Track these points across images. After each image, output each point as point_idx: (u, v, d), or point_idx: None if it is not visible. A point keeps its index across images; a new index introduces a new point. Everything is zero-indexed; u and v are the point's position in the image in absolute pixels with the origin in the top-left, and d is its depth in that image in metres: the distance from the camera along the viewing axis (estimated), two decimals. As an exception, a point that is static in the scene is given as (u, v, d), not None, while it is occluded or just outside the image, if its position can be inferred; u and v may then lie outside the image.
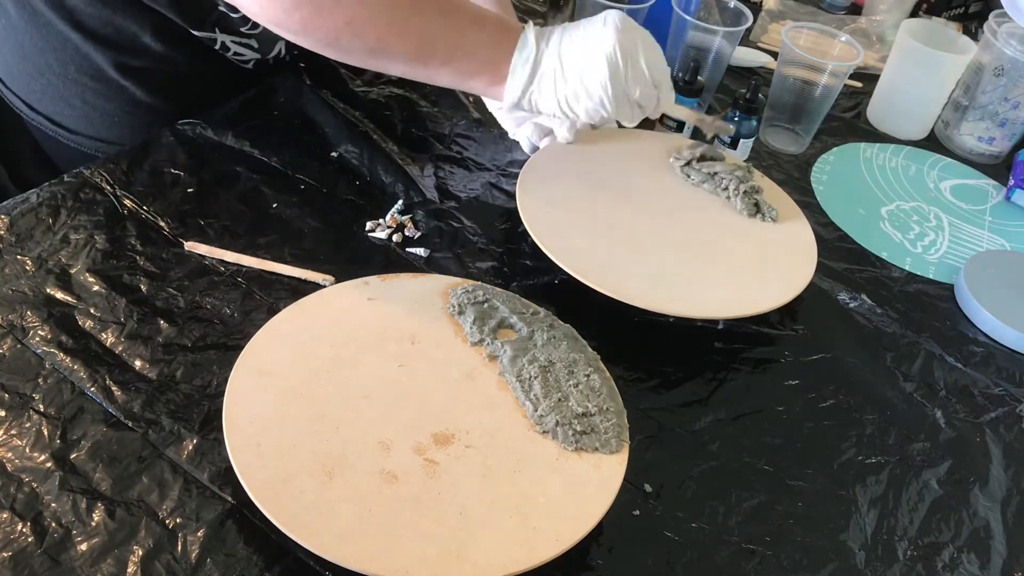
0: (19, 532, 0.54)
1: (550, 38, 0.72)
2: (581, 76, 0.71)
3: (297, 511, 0.54)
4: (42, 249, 0.71)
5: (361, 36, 0.66)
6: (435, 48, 0.69)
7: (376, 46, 0.67)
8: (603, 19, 0.72)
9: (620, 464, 0.61)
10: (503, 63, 0.71)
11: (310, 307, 0.68)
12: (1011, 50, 0.98)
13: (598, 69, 0.71)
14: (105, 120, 0.88)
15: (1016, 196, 0.99)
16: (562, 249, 0.74)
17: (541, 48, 0.72)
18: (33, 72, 0.86)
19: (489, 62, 0.71)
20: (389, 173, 0.85)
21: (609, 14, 0.72)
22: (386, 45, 0.67)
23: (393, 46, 0.68)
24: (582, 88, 0.72)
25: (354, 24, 0.65)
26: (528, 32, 0.72)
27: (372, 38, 0.67)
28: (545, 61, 0.72)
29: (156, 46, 0.85)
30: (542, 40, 0.72)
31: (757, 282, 0.76)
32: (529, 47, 0.71)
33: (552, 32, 0.73)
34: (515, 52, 0.71)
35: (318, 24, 0.65)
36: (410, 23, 0.67)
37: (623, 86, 0.72)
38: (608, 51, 0.70)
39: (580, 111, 0.73)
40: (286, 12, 0.64)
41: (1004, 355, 0.80)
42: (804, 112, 0.98)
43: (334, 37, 0.66)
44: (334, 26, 0.65)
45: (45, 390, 0.62)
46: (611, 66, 0.71)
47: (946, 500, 0.67)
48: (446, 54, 0.69)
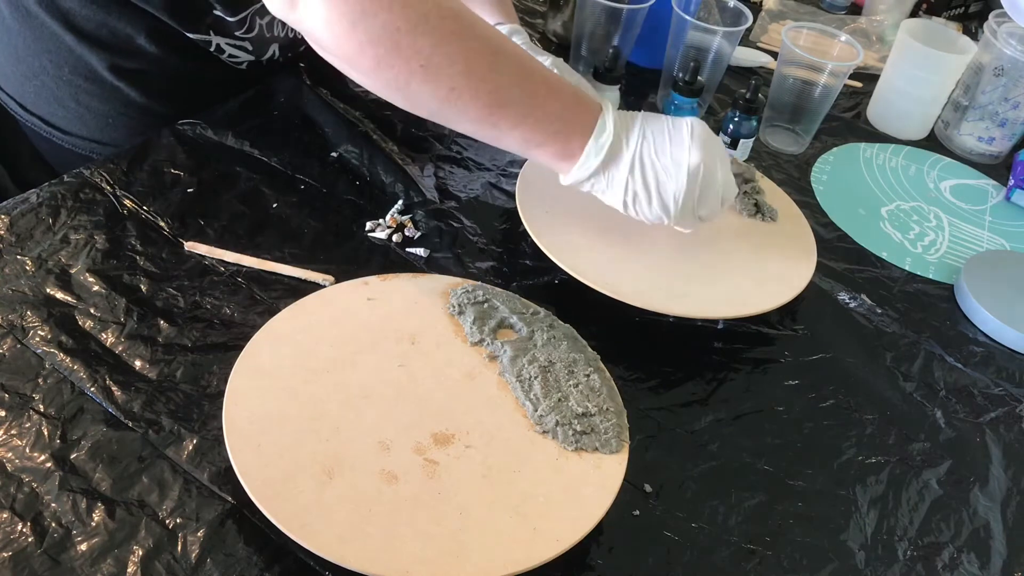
0: (19, 532, 0.54)
1: (631, 129, 0.69)
2: (658, 184, 0.69)
3: (297, 511, 0.54)
4: (42, 249, 0.71)
5: (434, 82, 0.63)
6: (507, 109, 0.66)
7: (447, 96, 0.64)
8: (690, 131, 0.69)
9: (620, 464, 0.61)
10: (574, 140, 0.68)
11: (310, 307, 0.68)
12: (1011, 50, 0.98)
13: (677, 183, 0.69)
14: (99, 121, 0.88)
15: (1016, 196, 0.99)
16: (562, 249, 0.74)
17: (620, 138, 0.69)
18: (27, 73, 0.86)
19: (560, 135, 0.68)
20: (389, 173, 0.85)
21: (695, 126, 0.70)
22: (458, 96, 0.64)
23: (465, 98, 0.64)
24: (656, 195, 0.69)
25: (429, 68, 0.62)
26: (607, 116, 0.69)
27: (445, 87, 0.63)
28: (624, 155, 0.69)
29: (150, 48, 0.85)
30: (622, 130, 0.69)
31: (757, 282, 0.76)
32: (608, 133, 0.68)
33: (634, 123, 0.70)
34: (592, 135, 0.68)
35: (392, 63, 0.62)
36: (486, 78, 0.64)
37: (694, 203, 0.70)
38: (692, 168, 0.68)
39: (642, 213, 0.71)
40: (360, 48, 0.61)
41: (1004, 355, 0.80)
42: (804, 112, 0.98)
43: (406, 80, 0.63)
44: (408, 68, 0.62)
45: (45, 390, 0.62)
46: (691, 183, 0.69)
47: (946, 500, 0.67)
48: (517, 118, 0.66)
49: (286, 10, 0.63)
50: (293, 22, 0.64)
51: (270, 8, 0.64)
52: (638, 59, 1.10)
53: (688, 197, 0.69)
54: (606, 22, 0.99)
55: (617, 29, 0.99)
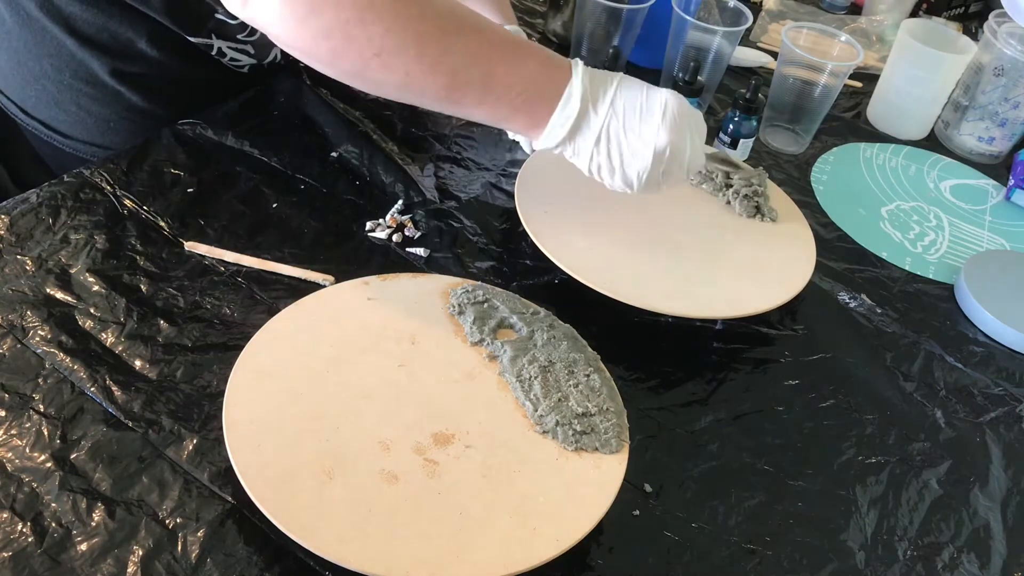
0: (19, 532, 0.54)
1: (600, 101, 0.68)
2: (622, 158, 0.69)
3: (297, 511, 0.54)
4: (42, 249, 0.71)
5: (389, 69, 0.63)
6: (466, 88, 0.66)
7: (404, 81, 0.64)
8: (663, 109, 0.68)
9: (620, 464, 0.61)
10: (540, 110, 0.68)
11: (310, 307, 0.68)
12: (1011, 50, 0.98)
13: (640, 160, 0.69)
14: (100, 125, 0.88)
15: (1016, 196, 0.99)
16: (561, 249, 0.74)
17: (587, 109, 0.68)
18: (28, 77, 0.86)
19: (525, 107, 0.68)
20: (389, 173, 0.85)
21: (669, 102, 0.69)
22: (414, 80, 0.64)
23: (422, 82, 0.64)
24: (619, 168, 0.70)
25: (383, 57, 0.63)
26: (575, 83, 0.67)
27: (401, 72, 0.64)
28: (592, 125, 0.68)
29: (152, 52, 0.85)
30: (590, 99, 0.68)
31: (756, 282, 0.76)
32: (572, 105, 0.67)
33: (605, 92, 0.68)
34: (558, 106, 0.68)
35: (346, 54, 0.63)
36: (441, 60, 0.64)
37: (657, 176, 0.70)
38: (659, 149, 0.68)
39: (607, 182, 0.71)
40: (315, 41, 0.62)
41: (1004, 355, 0.80)
42: (804, 112, 0.98)
43: (361, 68, 0.64)
44: (362, 58, 0.63)
45: (45, 390, 0.62)
46: (655, 162, 0.69)
47: (946, 500, 0.67)
48: (478, 96, 0.66)
49: (238, 6, 0.63)
50: (247, 19, 0.64)
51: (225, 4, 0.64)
52: (638, 59, 1.10)
53: (653, 174, 0.70)
54: (606, 22, 0.99)
55: (617, 29, 0.99)
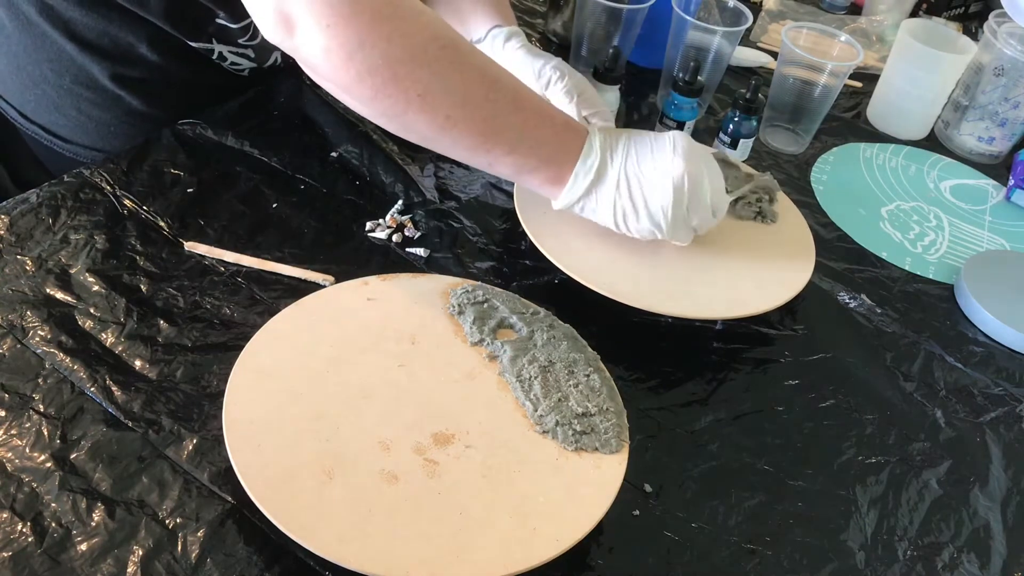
0: (19, 532, 0.54)
1: (615, 149, 0.70)
2: (644, 198, 0.70)
3: (297, 511, 0.54)
4: (42, 249, 0.71)
5: (431, 112, 0.63)
6: (501, 136, 0.67)
7: (443, 124, 0.64)
8: (672, 143, 0.70)
9: (620, 464, 0.61)
10: (565, 164, 0.70)
11: (310, 307, 0.68)
12: (1011, 50, 0.98)
13: (663, 195, 0.70)
14: (100, 130, 0.88)
15: (1016, 196, 0.99)
16: (561, 250, 0.74)
17: (606, 158, 0.70)
18: (28, 82, 0.86)
19: (551, 160, 0.69)
20: (389, 173, 0.85)
21: (677, 138, 0.71)
22: (453, 125, 0.64)
23: (460, 127, 0.65)
24: (644, 209, 0.70)
25: (426, 98, 0.62)
26: (594, 138, 0.70)
27: (441, 116, 0.64)
28: (610, 174, 0.70)
29: (152, 56, 0.85)
30: (607, 150, 0.70)
31: (756, 282, 0.76)
32: (594, 155, 0.69)
33: (618, 142, 0.71)
34: (580, 158, 0.69)
35: (389, 93, 0.62)
36: (481, 106, 0.65)
37: (684, 213, 0.71)
38: (676, 178, 0.69)
39: (633, 228, 0.72)
40: (359, 77, 0.61)
41: (1004, 355, 0.80)
42: (804, 112, 0.98)
43: (403, 109, 0.63)
44: (405, 98, 0.62)
45: (45, 390, 0.62)
46: (676, 193, 0.70)
47: (946, 500, 0.67)
48: (510, 144, 0.67)
49: (282, 36, 0.61)
50: (289, 49, 0.62)
51: (265, 34, 0.62)
52: (638, 59, 1.10)
53: (676, 208, 0.70)
54: (606, 22, 0.99)
55: (617, 29, 0.99)
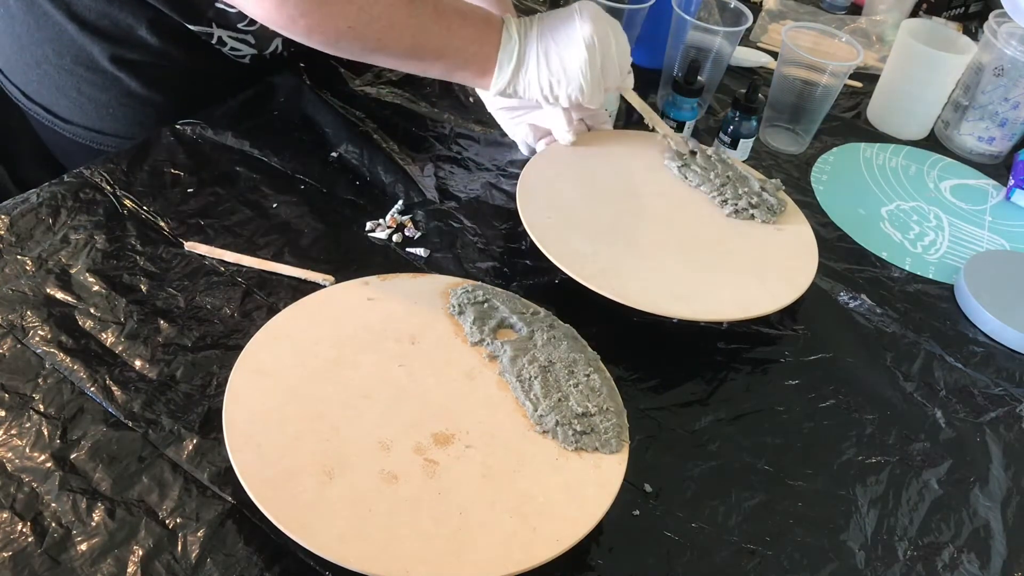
0: (19, 532, 0.54)
1: (529, 30, 0.77)
2: (562, 63, 0.77)
3: (297, 511, 0.54)
4: (42, 249, 0.71)
5: (361, 39, 0.71)
6: (428, 46, 0.74)
7: (375, 47, 0.72)
8: (578, 11, 0.77)
9: (620, 464, 0.61)
10: (490, 56, 0.77)
11: (310, 307, 0.68)
12: (1011, 50, 0.98)
13: (578, 55, 0.76)
14: (99, 111, 0.88)
15: (1016, 196, 0.99)
16: (563, 251, 0.74)
17: (524, 41, 0.77)
18: (30, 62, 0.87)
19: (477, 56, 0.76)
20: (389, 173, 0.85)
21: (583, 6, 0.78)
22: (384, 45, 0.72)
23: (390, 46, 0.73)
24: (563, 74, 0.77)
25: (355, 29, 0.70)
26: (510, 26, 0.77)
27: (372, 40, 0.71)
28: (529, 52, 0.77)
29: (152, 40, 0.85)
30: (523, 33, 0.77)
31: (758, 283, 0.76)
32: (513, 41, 0.77)
33: (531, 24, 0.78)
34: (500, 46, 0.76)
35: (322, 29, 0.70)
36: (407, 24, 0.72)
37: (598, 71, 0.78)
38: (587, 38, 0.76)
39: (561, 94, 0.78)
40: (291, 19, 0.69)
41: (1004, 355, 0.80)
42: (804, 112, 0.98)
43: (334, 39, 0.71)
44: (336, 31, 0.70)
45: (45, 390, 0.62)
46: (589, 52, 0.76)
47: (946, 500, 0.67)
48: (438, 51, 0.75)
49: None
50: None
51: None
52: (638, 59, 1.09)
53: (592, 67, 0.77)
54: (606, 22, 0.99)
55: (617, 29, 0.99)
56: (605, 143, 0.88)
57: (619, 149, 0.88)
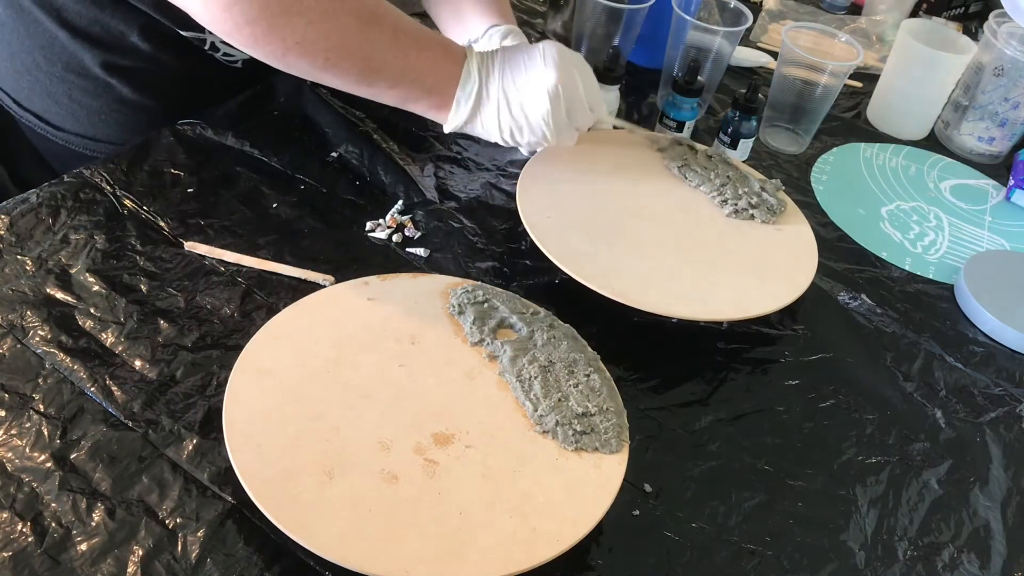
0: (19, 532, 0.54)
1: (491, 70, 0.75)
2: (524, 111, 0.75)
3: (297, 511, 0.54)
4: (42, 249, 0.71)
5: (309, 56, 0.68)
6: (381, 72, 0.71)
7: (323, 66, 0.69)
8: (542, 55, 0.74)
9: (620, 464, 0.61)
10: (447, 91, 0.74)
11: (310, 307, 0.68)
12: (1011, 50, 0.98)
13: (540, 105, 0.74)
14: (91, 117, 0.88)
15: (1016, 196, 0.99)
16: (563, 251, 0.74)
17: (483, 81, 0.74)
18: (21, 69, 0.86)
19: (433, 89, 0.74)
20: (389, 173, 0.85)
21: (547, 49, 0.74)
22: (333, 66, 0.69)
23: (340, 67, 0.69)
24: (524, 122, 0.75)
25: (303, 45, 0.67)
26: (471, 62, 0.74)
27: (320, 59, 0.68)
28: (488, 94, 0.75)
29: (144, 46, 0.85)
30: (483, 72, 0.74)
31: (758, 283, 0.76)
32: (472, 80, 0.74)
33: (494, 63, 0.75)
34: (459, 84, 0.74)
35: (268, 40, 0.66)
36: (360, 47, 0.69)
37: (563, 118, 0.75)
38: (551, 88, 0.73)
39: (522, 141, 0.77)
40: (237, 26, 0.65)
41: (1004, 355, 0.80)
42: (804, 112, 0.98)
43: (281, 54, 0.67)
44: (283, 45, 0.66)
45: (45, 390, 0.62)
46: (553, 102, 0.74)
47: (946, 500, 0.67)
48: (392, 79, 0.72)
49: None
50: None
51: None
52: (638, 59, 1.10)
53: (556, 116, 0.75)
54: (606, 22, 0.99)
55: (617, 29, 0.99)
56: (605, 143, 0.88)
57: (619, 149, 0.88)
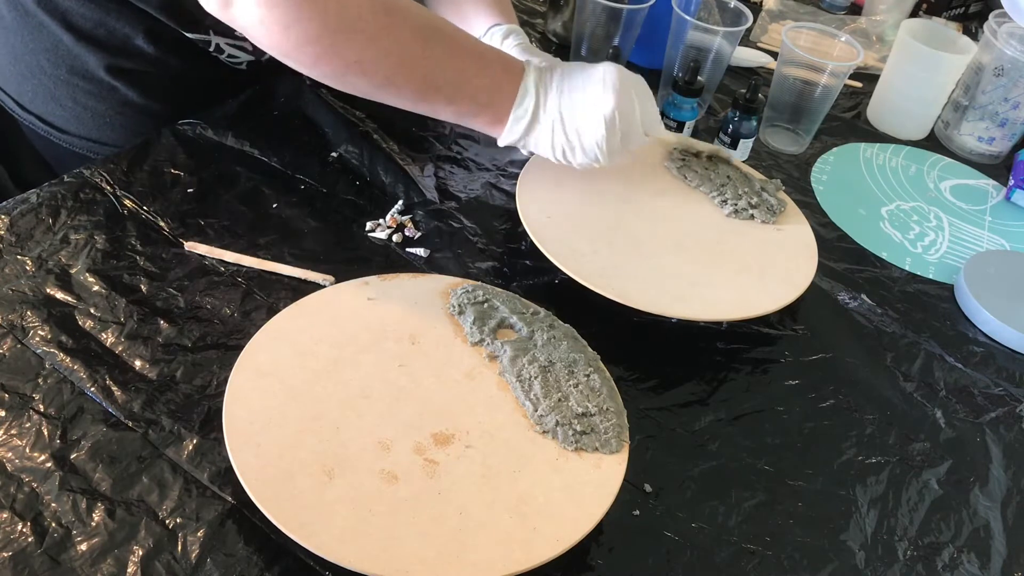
0: (19, 532, 0.54)
1: (549, 88, 0.73)
2: (579, 133, 0.73)
3: (297, 511, 0.54)
4: (42, 249, 0.71)
5: (369, 75, 0.67)
6: (440, 89, 0.70)
7: (383, 84, 0.69)
8: (602, 79, 0.73)
9: (620, 464, 0.61)
10: (502, 107, 0.73)
11: (310, 307, 0.68)
12: (1011, 50, 0.98)
13: (595, 129, 0.73)
14: (96, 121, 0.88)
15: (1016, 196, 0.99)
16: (563, 251, 0.74)
17: (540, 99, 0.73)
18: (25, 72, 0.86)
19: (490, 105, 0.73)
20: (389, 173, 0.85)
21: (607, 72, 0.73)
22: (392, 83, 0.69)
23: (399, 85, 0.69)
24: (579, 144, 0.74)
25: (363, 63, 0.66)
26: (528, 79, 0.73)
27: (380, 77, 0.68)
28: (544, 114, 0.74)
29: (149, 48, 0.85)
30: (541, 89, 0.73)
31: (758, 283, 0.76)
32: (529, 97, 0.73)
33: (551, 80, 0.74)
34: (515, 101, 0.73)
35: (328, 61, 0.66)
36: (418, 65, 0.68)
37: (617, 143, 0.74)
38: (607, 114, 0.72)
39: (575, 162, 0.76)
40: (298, 47, 0.65)
41: (1004, 355, 0.80)
42: (804, 112, 0.98)
43: (342, 73, 0.67)
44: (343, 63, 0.66)
45: (45, 390, 0.62)
46: (608, 128, 0.73)
47: (946, 500, 0.67)
48: (449, 96, 0.71)
49: (219, 8, 0.65)
50: (227, 20, 0.66)
51: (204, 5, 0.66)
52: (638, 59, 1.10)
53: (610, 141, 0.73)
54: (606, 22, 0.99)
55: (617, 29, 0.99)
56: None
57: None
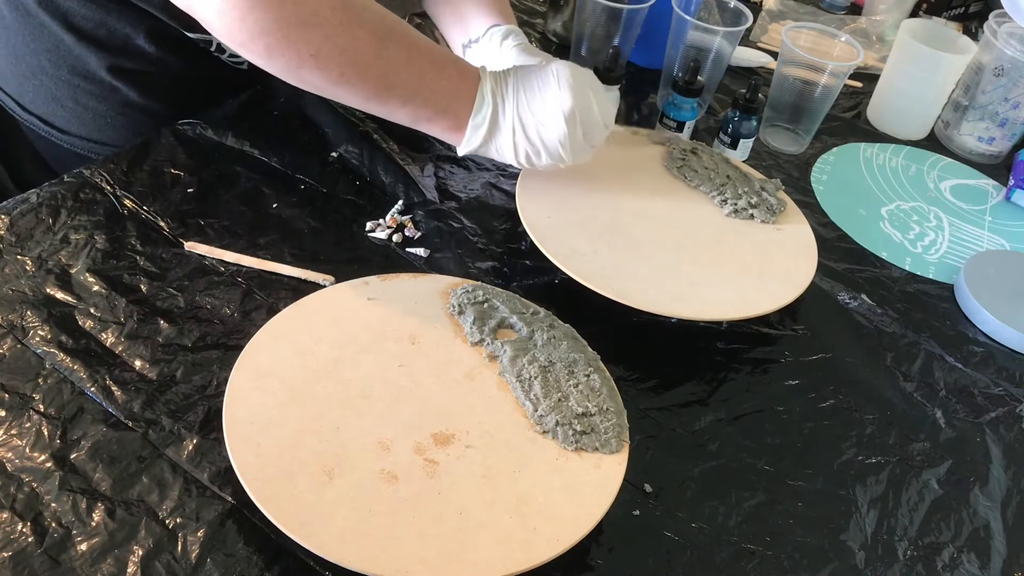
0: (19, 532, 0.54)
1: (506, 94, 0.73)
2: (540, 135, 0.74)
3: (297, 511, 0.54)
4: (42, 249, 0.71)
5: (324, 70, 0.66)
6: (395, 90, 0.70)
7: (338, 81, 0.68)
8: (555, 77, 0.73)
9: (620, 464, 0.61)
10: (460, 113, 0.73)
11: (310, 307, 0.68)
12: (1011, 50, 0.98)
13: (557, 129, 0.73)
14: (97, 121, 0.88)
15: (1016, 196, 0.99)
16: (563, 251, 0.74)
17: (498, 106, 0.73)
18: (26, 73, 0.86)
19: (447, 110, 0.73)
20: (389, 173, 0.85)
21: (560, 70, 0.73)
22: (347, 81, 0.68)
23: (353, 83, 0.68)
24: (541, 145, 0.74)
25: (319, 58, 0.66)
26: (485, 85, 0.73)
27: (335, 73, 0.67)
28: (503, 120, 0.74)
29: (150, 48, 0.85)
30: (498, 96, 0.73)
31: (758, 283, 0.76)
32: (487, 104, 0.73)
33: (507, 86, 0.74)
34: (473, 109, 0.73)
35: (283, 52, 0.65)
36: (373, 64, 0.68)
37: (580, 139, 0.74)
38: (567, 112, 0.72)
39: (539, 164, 0.76)
40: (252, 37, 0.64)
41: (1004, 355, 0.80)
42: (804, 112, 0.98)
43: (296, 67, 0.66)
44: (298, 57, 0.65)
45: (45, 390, 0.62)
46: (569, 126, 0.73)
47: (946, 500, 0.67)
48: (404, 97, 0.71)
49: None
50: (184, 6, 0.65)
51: None
52: (638, 59, 1.10)
53: (572, 138, 0.74)
54: (606, 22, 0.99)
55: (617, 29, 0.99)
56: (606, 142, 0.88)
57: (619, 149, 0.88)
